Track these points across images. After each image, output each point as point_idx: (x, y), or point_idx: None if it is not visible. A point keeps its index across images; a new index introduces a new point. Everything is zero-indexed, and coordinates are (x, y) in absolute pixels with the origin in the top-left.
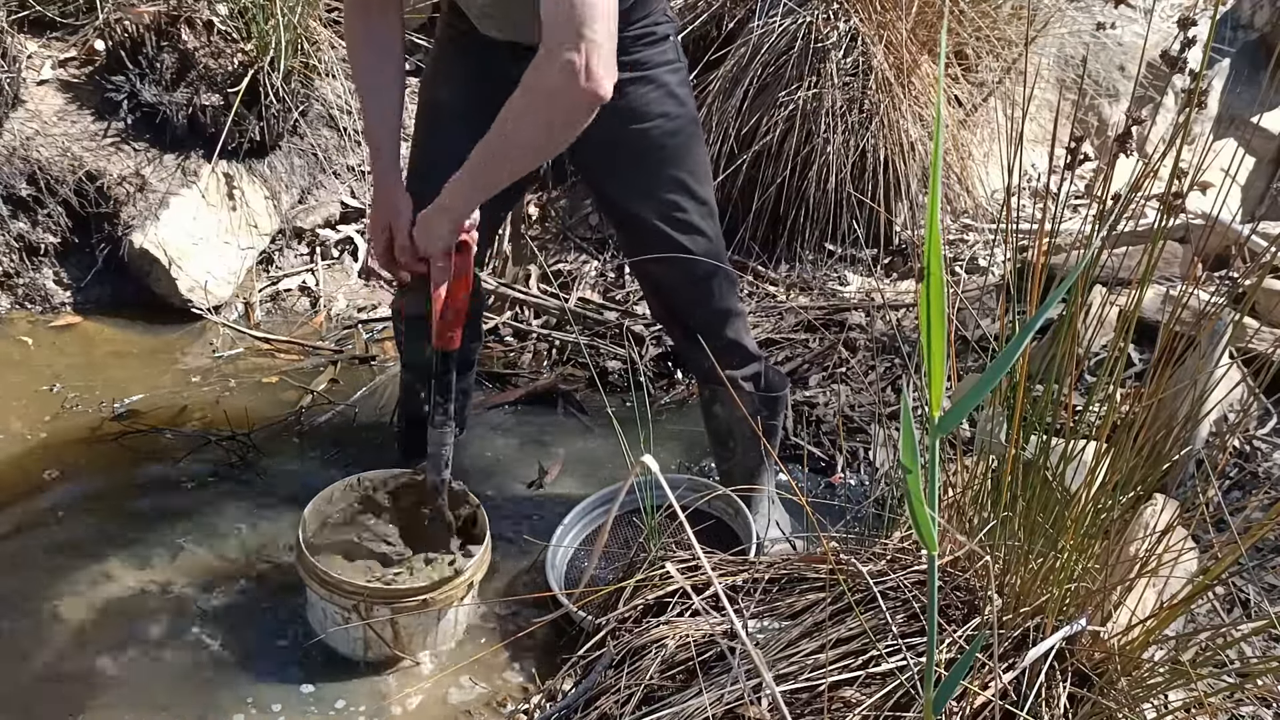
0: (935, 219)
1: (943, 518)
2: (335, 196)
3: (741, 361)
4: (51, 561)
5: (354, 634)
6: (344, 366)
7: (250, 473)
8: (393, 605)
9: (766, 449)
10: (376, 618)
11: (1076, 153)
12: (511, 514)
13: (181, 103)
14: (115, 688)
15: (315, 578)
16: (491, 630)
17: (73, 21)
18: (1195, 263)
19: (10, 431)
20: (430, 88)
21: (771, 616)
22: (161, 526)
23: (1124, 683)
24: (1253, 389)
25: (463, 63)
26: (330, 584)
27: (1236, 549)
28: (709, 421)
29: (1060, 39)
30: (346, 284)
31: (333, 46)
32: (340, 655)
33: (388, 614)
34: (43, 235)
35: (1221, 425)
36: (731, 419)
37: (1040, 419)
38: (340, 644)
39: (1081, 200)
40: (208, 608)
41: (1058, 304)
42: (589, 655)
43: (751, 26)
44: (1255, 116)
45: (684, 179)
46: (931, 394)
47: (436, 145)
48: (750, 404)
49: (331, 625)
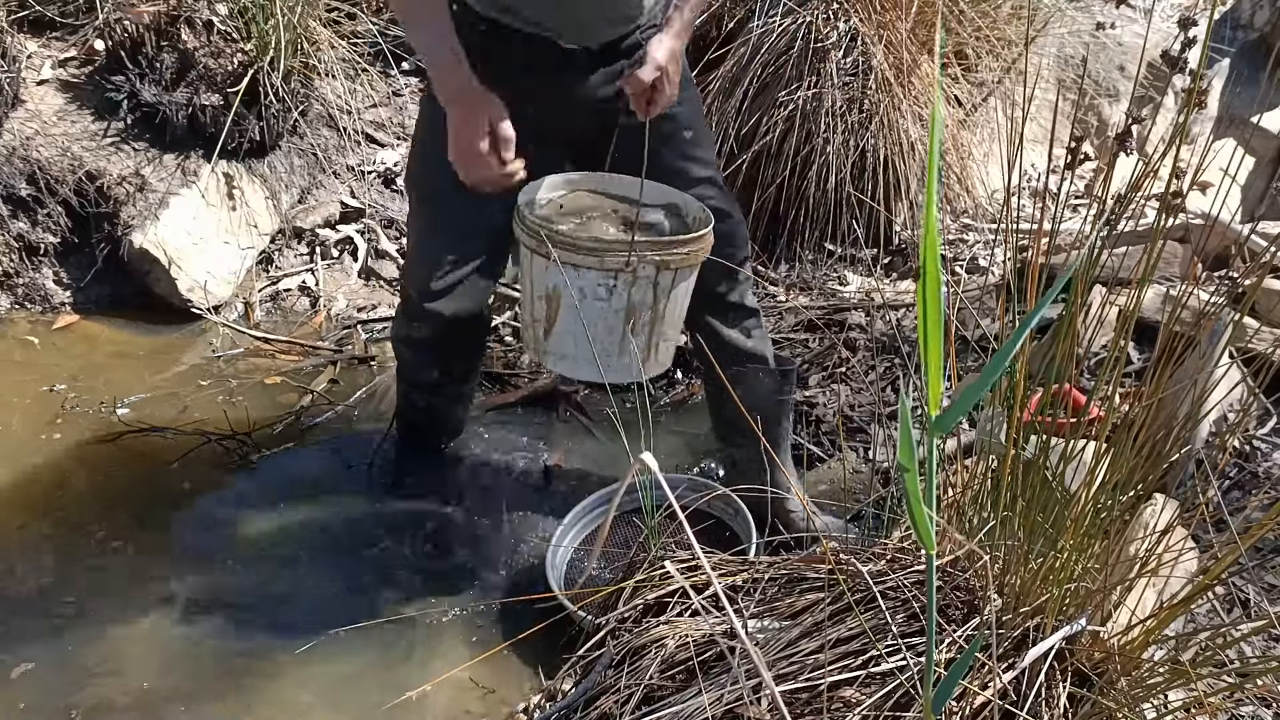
0: (932, 218)
1: (942, 517)
2: (335, 196)
3: (759, 324)
4: (51, 562)
5: (611, 331)
6: (343, 366)
7: (250, 472)
8: (663, 255)
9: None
10: (642, 277)
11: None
12: (512, 514)
13: (181, 102)
14: (112, 688)
15: (576, 247)
16: (492, 630)
17: (73, 21)
18: (1195, 262)
19: (10, 431)
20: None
21: (771, 616)
22: (160, 527)
23: (1124, 683)
24: (1253, 389)
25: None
26: (597, 248)
27: (1236, 549)
28: (722, 409)
29: (1060, 39)
30: (346, 284)
31: (333, 46)
32: (341, 656)
33: (654, 270)
34: (42, 235)
35: (1221, 425)
36: (756, 398)
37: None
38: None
39: (1081, 200)
40: (207, 608)
41: (1057, 303)
42: (589, 655)
43: (751, 26)
44: (1255, 116)
45: (709, 150)
46: (930, 393)
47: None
48: (773, 380)
49: (592, 305)
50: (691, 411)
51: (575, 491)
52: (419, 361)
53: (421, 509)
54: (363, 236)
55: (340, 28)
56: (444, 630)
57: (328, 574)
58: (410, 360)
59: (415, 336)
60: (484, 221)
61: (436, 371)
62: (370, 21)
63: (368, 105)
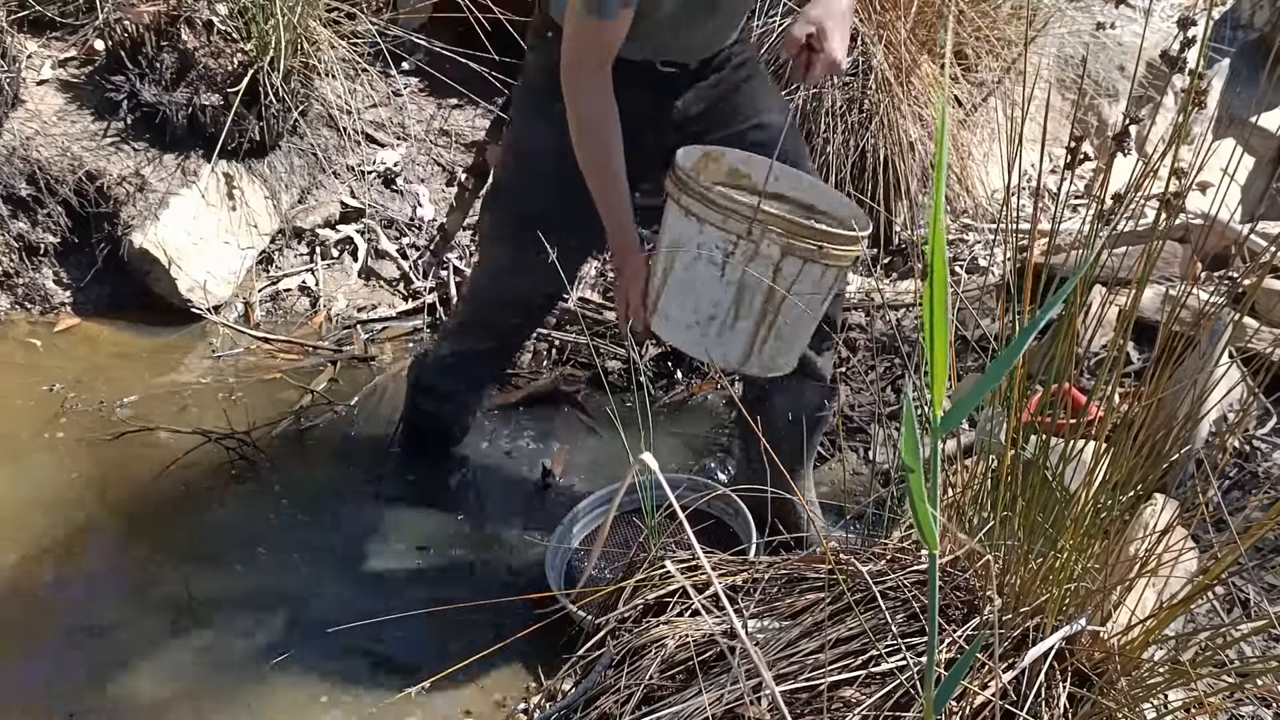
0: (939, 218)
1: (943, 517)
2: (335, 196)
3: (832, 345)
4: (51, 562)
5: (716, 305)
6: (343, 366)
7: (249, 472)
8: (790, 238)
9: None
10: (764, 254)
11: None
12: (512, 514)
13: (181, 102)
14: (111, 687)
15: (706, 199)
16: (492, 630)
17: (72, 21)
18: (1195, 262)
19: (10, 431)
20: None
21: (771, 616)
22: (160, 526)
23: (1124, 683)
24: (1252, 389)
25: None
26: (726, 205)
27: (1236, 549)
28: (775, 418)
29: (1060, 39)
30: (346, 284)
31: (332, 46)
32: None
33: (777, 252)
34: (42, 235)
35: (1221, 425)
36: (799, 408)
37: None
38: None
39: (1081, 200)
40: (206, 607)
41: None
42: (589, 655)
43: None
44: (1255, 116)
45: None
46: (934, 393)
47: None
48: (817, 394)
49: (706, 268)
50: (691, 411)
51: (575, 491)
52: (461, 371)
53: (421, 509)
54: (363, 236)
55: (340, 28)
56: (444, 630)
57: (327, 573)
58: (451, 367)
59: (478, 349)
60: (576, 250)
61: (464, 384)
62: (370, 21)
63: (368, 105)
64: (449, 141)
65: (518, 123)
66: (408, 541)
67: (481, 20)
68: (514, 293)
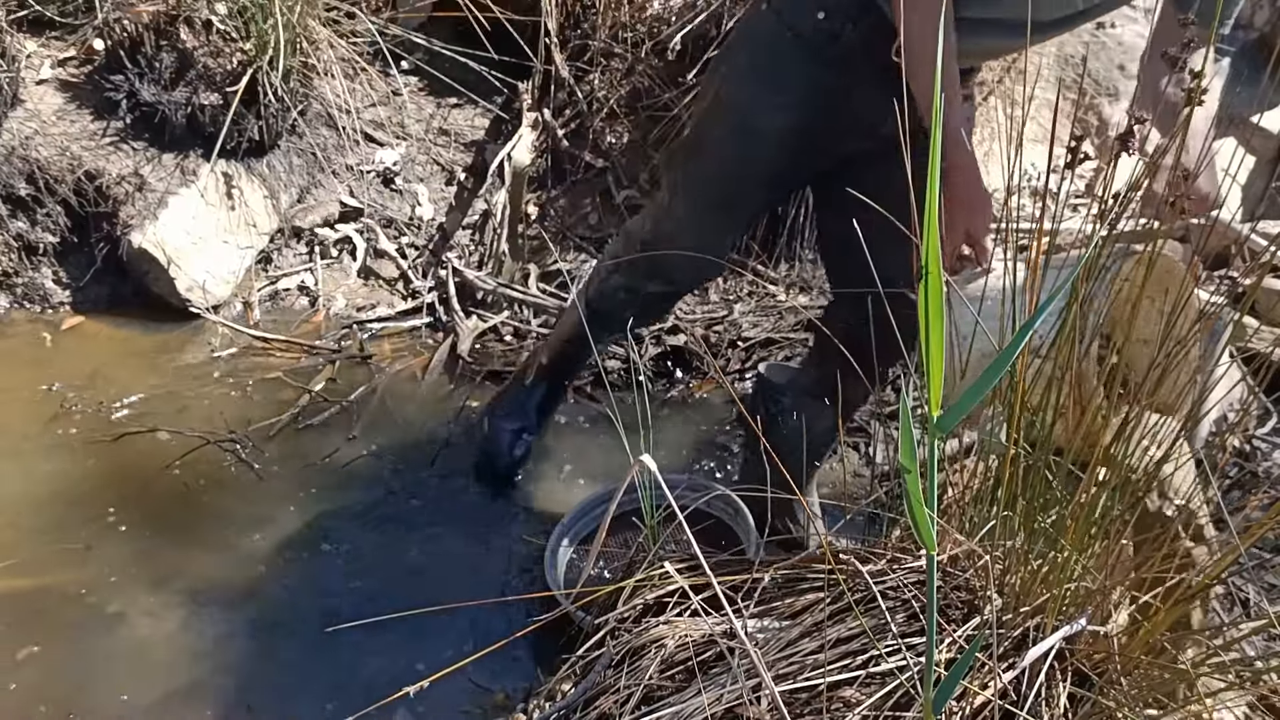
0: (934, 220)
1: (942, 518)
2: (334, 196)
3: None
4: (51, 562)
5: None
6: (342, 366)
7: (248, 472)
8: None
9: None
10: None
11: (1077, 152)
12: (511, 514)
13: (180, 102)
14: (111, 686)
15: None
16: (491, 630)
17: (72, 21)
18: (1195, 262)
19: (10, 431)
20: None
21: (771, 616)
22: (159, 526)
23: (1124, 683)
24: (1253, 388)
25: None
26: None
27: (1236, 549)
28: (780, 443)
29: (1060, 38)
30: (345, 283)
31: (332, 46)
32: (340, 654)
33: None
34: (41, 235)
35: (1221, 425)
36: (814, 437)
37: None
38: None
39: (1082, 200)
40: (206, 605)
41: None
42: (588, 655)
43: None
44: (1255, 116)
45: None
46: (931, 393)
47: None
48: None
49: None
50: (691, 411)
51: (576, 491)
52: (616, 315)
53: (420, 508)
54: (361, 236)
55: (339, 27)
56: (443, 629)
57: (326, 573)
58: (611, 311)
59: (651, 290)
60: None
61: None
62: (370, 21)
63: (367, 105)
64: (448, 141)
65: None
66: (407, 541)
67: (481, 19)
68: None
